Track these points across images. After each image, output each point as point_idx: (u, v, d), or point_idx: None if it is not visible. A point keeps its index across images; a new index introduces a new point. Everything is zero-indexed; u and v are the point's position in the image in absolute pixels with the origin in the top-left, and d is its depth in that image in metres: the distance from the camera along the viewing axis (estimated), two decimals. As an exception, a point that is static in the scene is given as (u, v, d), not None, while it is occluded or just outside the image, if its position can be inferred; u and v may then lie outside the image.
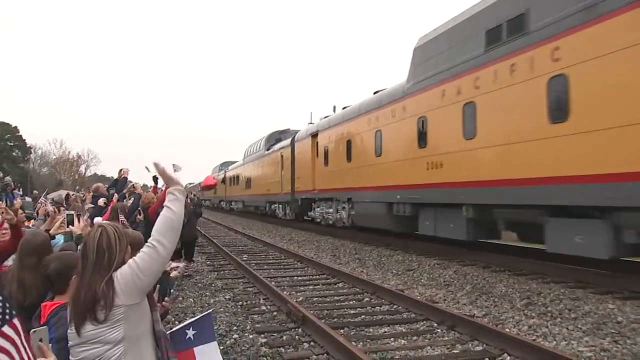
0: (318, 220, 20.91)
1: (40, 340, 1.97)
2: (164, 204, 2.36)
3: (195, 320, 3.30)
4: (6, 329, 1.66)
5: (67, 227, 4.80)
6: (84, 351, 2.17)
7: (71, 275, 2.64)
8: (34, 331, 1.98)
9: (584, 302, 7.38)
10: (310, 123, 24.50)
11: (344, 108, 19.10)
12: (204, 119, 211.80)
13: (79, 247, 3.07)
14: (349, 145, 17.17)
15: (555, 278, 9.08)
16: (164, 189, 9.31)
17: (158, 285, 2.92)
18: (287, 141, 25.39)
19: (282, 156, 25.93)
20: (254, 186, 33.70)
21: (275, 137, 30.16)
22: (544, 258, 10.13)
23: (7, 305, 1.68)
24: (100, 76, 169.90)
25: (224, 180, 46.19)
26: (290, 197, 23.93)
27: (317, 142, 20.67)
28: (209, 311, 3.50)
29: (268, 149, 29.85)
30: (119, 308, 2.16)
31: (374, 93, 16.15)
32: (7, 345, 1.63)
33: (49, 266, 2.80)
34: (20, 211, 5.92)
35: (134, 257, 2.24)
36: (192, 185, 63.09)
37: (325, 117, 21.12)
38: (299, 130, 25.30)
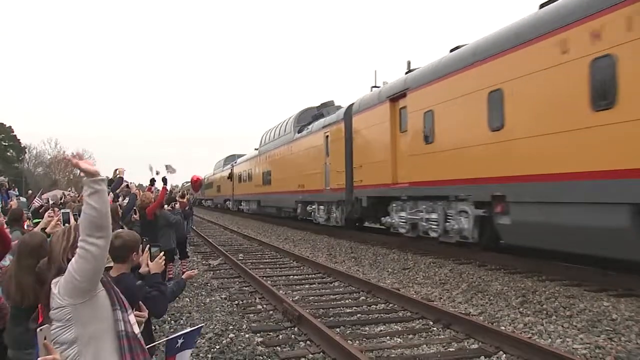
0: (403, 231, 13.68)
1: (45, 338, 2.03)
2: (84, 200, 2.15)
3: (188, 331, 3.47)
4: None
5: (64, 225, 4.82)
6: None
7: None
8: (40, 330, 2.04)
9: (579, 299, 7.42)
10: (375, 86, 16.64)
11: (452, 50, 12.05)
12: (204, 118, 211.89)
13: None
14: (497, 101, 9.65)
15: (550, 276, 9.12)
16: (161, 188, 9.31)
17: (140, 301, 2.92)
18: (337, 115, 18.26)
19: (327, 138, 18.78)
20: (276, 181, 26.00)
21: (311, 114, 22.51)
22: (539, 256, 10.17)
23: None
24: (95, 75, 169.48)
25: (230, 177, 39.87)
26: (344, 194, 16.98)
27: (402, 109, 13.51)
28: (200, 325, 3.60)
29: (300, 131, 22.28)
30: (65, 308, 2.14)
31: (541, 6, 9.37)
32: None
33: (44, 271, 2.78)
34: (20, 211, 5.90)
35: (71, 260, 2.16)
36: (189, 184, 62.48)
37: (413, 70, 13.72)
38: (340, 107, 18.97)
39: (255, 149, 32.32)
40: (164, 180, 9.17)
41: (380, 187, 14.65)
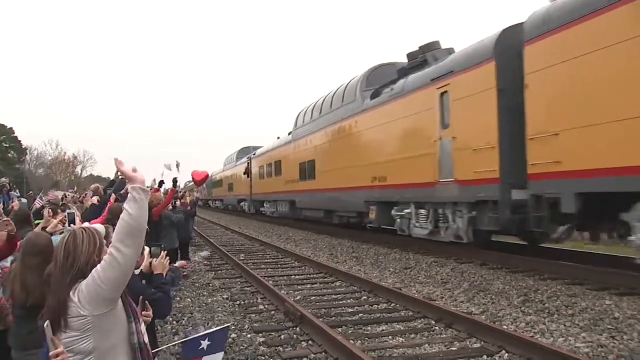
0: None
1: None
2: (123, 206, 2.15)
3: (213, 331, 3.35)
4: None
5: (69, 225, 4.87)
6: None
7: None
8: (47, 325, 2.05)
9: (581, 298, 7.42)
10: None
11: None
12: (206, 118, 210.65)
13: None
14: None
15: (552, 275, 9.11)
16: (169, 190, 9.30)
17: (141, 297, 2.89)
18: (474, 53, 10.78)
19: (442, 96, 11.60)
20: (325, 174, 18.47)
21: (393, 70, 14.97)
22: (541, 255, 10.16)
23: None
24: (96, 76, 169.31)
25: (247, 172, 32.57)
26: (494, 189, 9.88)
27: None
28: (227, 324, 3.48)
29: (376, 96, 15.02)
30: (86, 318, 2.08)
31: None
32: None
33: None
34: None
35: (96, 267, 2.13)
36: (191, 183, 61.73)
37: None
38: (451, 50, 12.83)
39: (280, 137, 26.48)
40: (175, 181, 9.15)
41: None
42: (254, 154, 32.36)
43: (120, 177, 9.38)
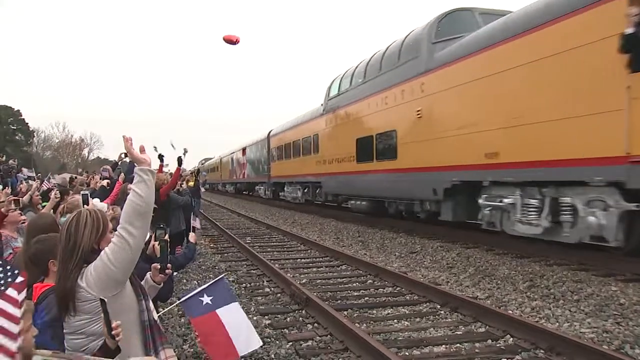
0: None
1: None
2: (131, 187, 2.18)
3: (208, 286, 3.26)
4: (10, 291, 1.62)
5: (83, 206, 4.93)
6: (71, 340, 2.15)
7: (49, 258, 2.60)
8: (101, 301, 2.04)
9: (587, 284, 7.41)
10: None
11: None
12: (216, 101, 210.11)
13: None
14: None
15: (557, 260, 9.10)
16: (175, 169, 9.24)
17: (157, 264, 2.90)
18: None
19: None
20: None
21: None
22: (547, 241, 10.12)
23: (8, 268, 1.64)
24: (103, 58, 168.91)
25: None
26: None
27: None
28: (220, 276, 3.45)
29: None
30: (95, 301, 2.08)
31: None
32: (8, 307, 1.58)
33: (32, 247, 2.74)
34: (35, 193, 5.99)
35: (105, 249, 2.14)
36: (208, 161, 60.98)
37: None
38: None
39: None
40: (179, 160, 9.09)
41: None
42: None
43: (126, 159, 9.37)
